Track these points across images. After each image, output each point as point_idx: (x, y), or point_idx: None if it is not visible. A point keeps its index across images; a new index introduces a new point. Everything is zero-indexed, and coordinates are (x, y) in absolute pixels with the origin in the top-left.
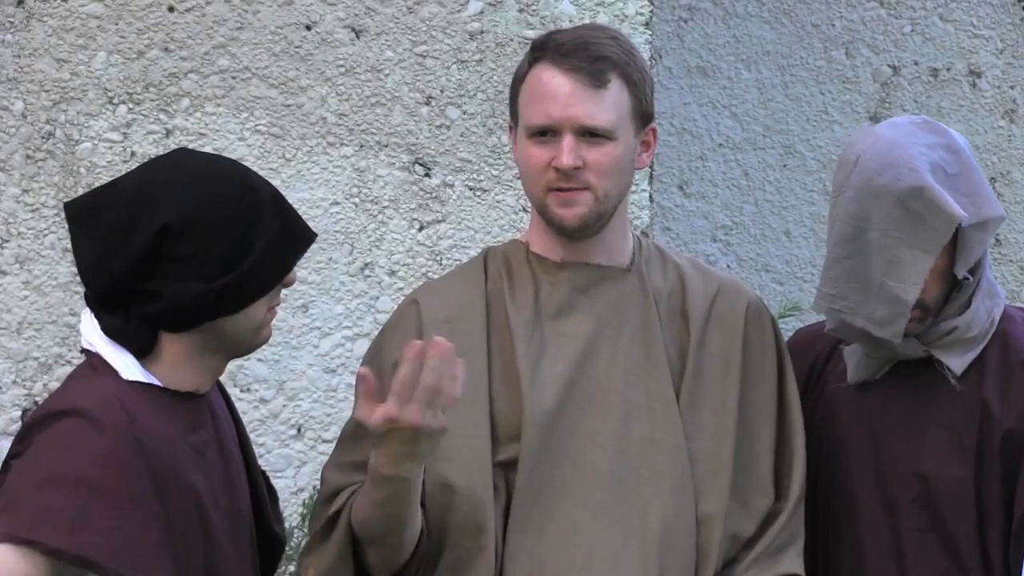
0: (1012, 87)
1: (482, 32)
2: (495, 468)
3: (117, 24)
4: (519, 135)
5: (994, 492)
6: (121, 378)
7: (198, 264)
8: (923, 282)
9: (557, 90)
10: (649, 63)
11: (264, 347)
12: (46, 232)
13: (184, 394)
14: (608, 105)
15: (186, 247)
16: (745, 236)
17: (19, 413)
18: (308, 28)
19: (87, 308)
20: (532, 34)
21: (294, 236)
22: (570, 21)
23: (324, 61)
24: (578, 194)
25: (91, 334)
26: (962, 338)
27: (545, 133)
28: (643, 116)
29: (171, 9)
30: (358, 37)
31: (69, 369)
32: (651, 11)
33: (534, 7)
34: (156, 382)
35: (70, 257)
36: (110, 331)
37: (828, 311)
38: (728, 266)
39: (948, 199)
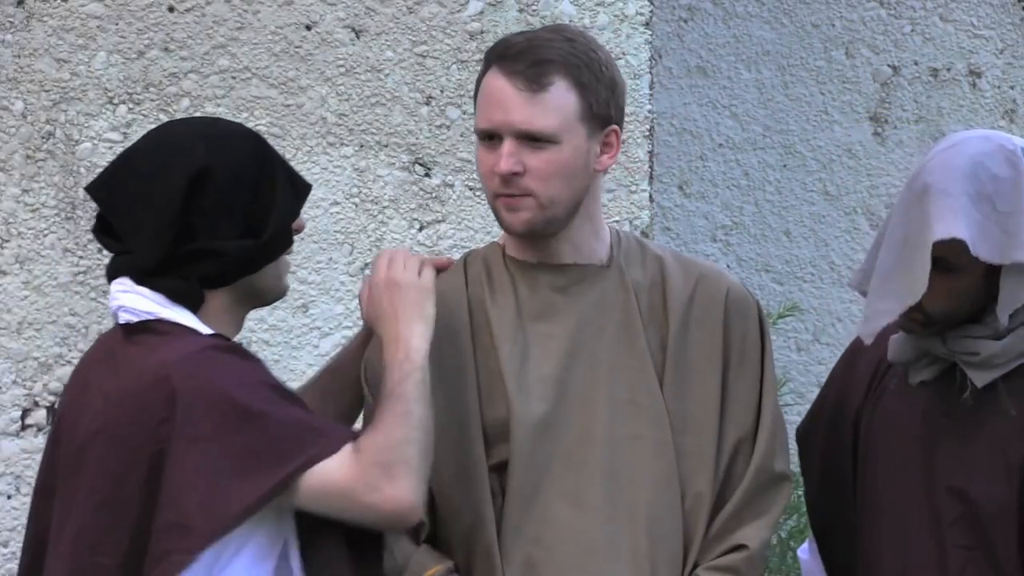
0: (1012, 87)
1: (482, 32)
2: (489, 471)
3: (117, 24)
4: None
5: None
6: (202, 334)
7: (229, 216)
8: (901, 309)
9: (498, 94)
10: (649, 63)
11: (264, 347)
12: (46, 232)
13: None
14: (548, 108)
15: (214, 198)
16: (745, 236)
17: (19, 413)
18: (308, 28)
19: (123, 281)
20: None
21: (299, 183)
22: (570, 21)
23: (324, 61)
24: (520, 200)
25: (144, 304)
26: (986, 364)
27: (492, 138)
28: (597, 118)
29: (171, 9)
30: (358, 37)
31: (69, 369)
32: (651, 11)
33: (534, 7)
34: None
35: (70, 257)
36: (173, 294)
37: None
38: (728, 266)
39: (941, 214)
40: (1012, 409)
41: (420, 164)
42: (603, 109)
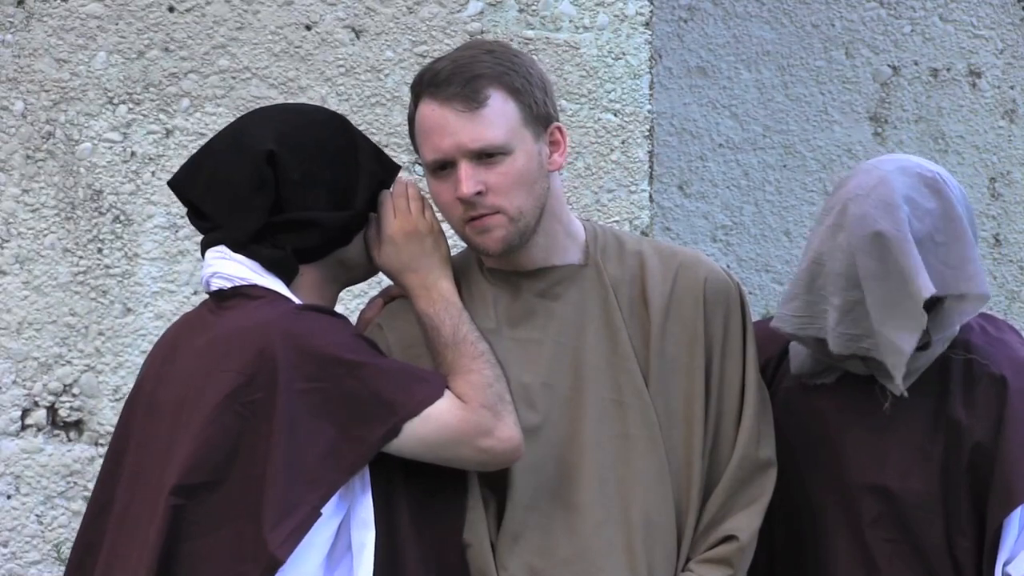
0: (1012, 87)
1: (482, 32)
2: (481, 479)
3: (117, 24)
4: (426, 175)
5: (963, 504)
6: (295, 301)
7: (315, 187)
8: (917, 340)
9: (438, 121)
10: (649, 63)
11: None
12: (46, 232)
13: None
14: (492, 121)
15: (297, 171)
16: (745, 236)
17: (19, 413)
18: (308, 28)
19: (219, 249)
20: (532, 34)
21: (386, 160)
22: (569, 21)
23: (324, 61)
24: (490, 219)
25: (239, 270)
26: (912, 374)
27: (445, 167)
28: (539, 119)
29: (171, 9)
30: (358, 37)
31: (69, 369)
32: (651, 11)
33: (534, 7)
34: None
35: (70, 257)
36: (271, 262)
37: (846, 342)
38: (728, 266)
39: (917, 272)
40: (903, 394)
41: (420, 164)
42: (542, 109)
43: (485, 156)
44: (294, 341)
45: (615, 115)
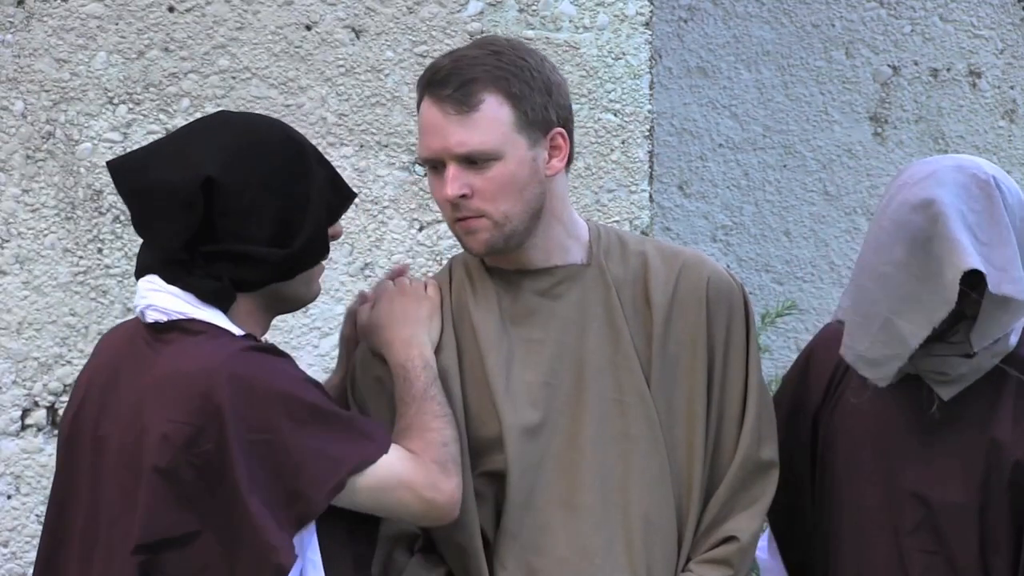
0: (1012, 87)
1: (482, 32)
2: (478, 478)
3: (117, 24)
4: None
5: (1001, 521)
6: (236, 335)
7: (254, 220)
8: (932, 330)
9: (432, 121)
10: (649, 63)
11: None
12: (46, 232)
13: None
14: (482, 127)
15: (233, 202)
16: (745, 236)
17: (19, 413)
18: (308, 28)
19: (152, 280)
20: (532, 34)
21: (343, 189)
22: (569, 21)
23: (324, 61)
24: (475, 222)
25: (175, 303)
26: (955, 380)
27: (437, 167)
28: (536, 124)
29: (171, 9)
30: (358, 37)
31: (69, 369)
32: (651, 11)
33: (534, 7)
34: None
35: (70, 257)
36: (207, 294)
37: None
38: (728, 266)
39: (964, 245)
40: (937, 412)
41: (420, 164)
42: (540, 115)
43: (471, 161)
44: (239, 386)
45: (615, 115)
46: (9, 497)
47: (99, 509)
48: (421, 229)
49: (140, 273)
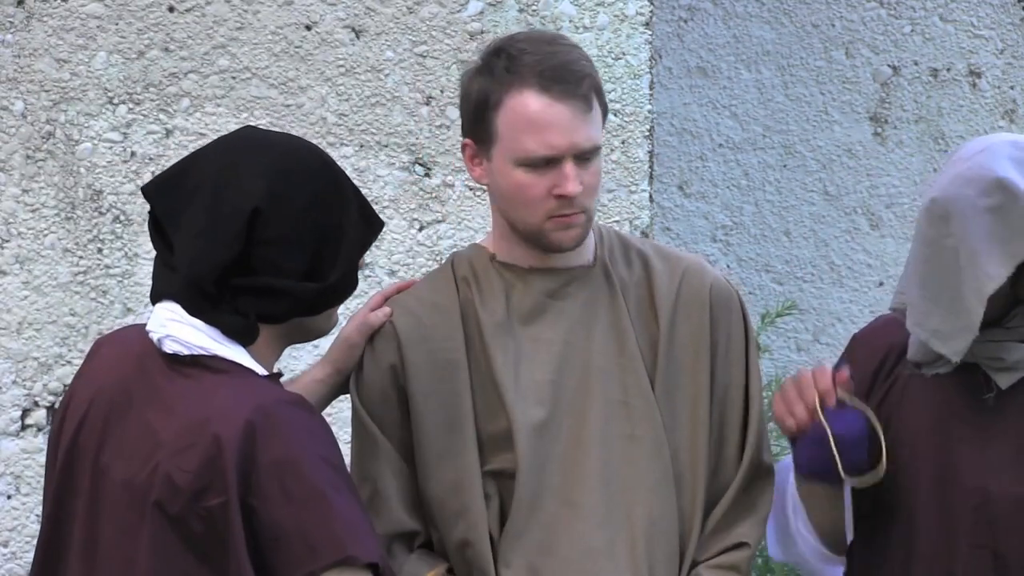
0: (1012, 87)
1: (482, 32)
2: (484, 477)
3: (117, 24)
4: (500, 161)
5: None
6: (259, 375)
7: (293, 253)
8: (1014, 268)
9: (555, 119)
10: (649, 63)
11: None
12: (46, 232)
13: None
14: (596, 123)
15: (278, 233)
16: (745, 236)
17: (19, 413)
18: (308, 28)
19: (172, 308)
20: None
21: (372, 219)
22: (569, 21)
23: (324, 61)
24: (575, 217)
25: (197, 338)
26: (1013, 367)
27: (541, 164)
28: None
29: (171, 9)
30: (358, 37)
31: (69, 369)
32: (651, 11)
33: (534, 7)
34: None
35: (70, 257)
36: (231, 330)
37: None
38: (728, 266)
39: None
40: (991, 399)
41: (420, 164)
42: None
43: (584, 157)
44: (252, 445)
45: (615, 115)
46: (9, 497)
47: (97, 540)
48: (421, 229)
49: (157, 298)
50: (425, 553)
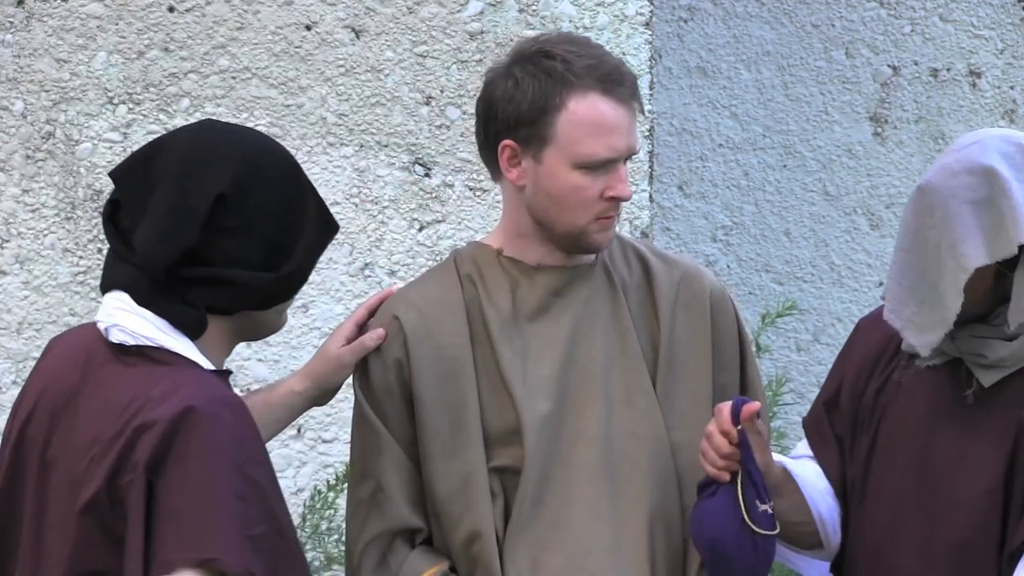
0: (1012, 87)
1: (482, 32)
2: (490, 473)
3: (117, 24)
4: (554, 162)
5: (1020, 512)
6: (204, 368)
7: (250, 242)
8: (968, 277)
9: (619, 122)
10: (649, 63)
11: (265, 347)
12: (46, 232)
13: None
14: (636, 127)
15: (238, 221)
16: (745, 236)
17: None
18: (308, 28)
19: (121, 298)
20: (532, 34)
21: (330, 221)
22: (569, 21)
23: (324, 61)
24: (617, 218)
25: (145, 328)
26: (995, 365)
27: (597, 167)
28: None
29: (171, 9)
30: (358, 37)
31: None
32: (651, 11)
33: (534, 7)
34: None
35: (70, 257)
36: (179, 322)
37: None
38: (728, 266)
39: (1017, 189)
40: (970, 396)
41: (420, 164)
42: None
43: (626, 159)
44: (174, 433)
45: None
46: None
47: (43, 539)
48: (421, 229)
49: (107, 288)
50: (427, 550)
